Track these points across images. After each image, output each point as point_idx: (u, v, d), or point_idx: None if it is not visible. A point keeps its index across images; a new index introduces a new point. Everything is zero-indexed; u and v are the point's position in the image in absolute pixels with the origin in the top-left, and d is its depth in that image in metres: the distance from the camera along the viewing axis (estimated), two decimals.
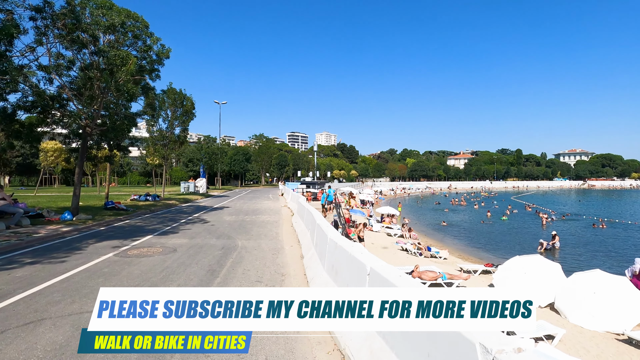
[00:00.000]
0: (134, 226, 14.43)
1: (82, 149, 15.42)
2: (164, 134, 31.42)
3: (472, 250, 22.27)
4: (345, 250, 4.64)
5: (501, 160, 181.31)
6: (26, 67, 12.53)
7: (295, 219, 15.27)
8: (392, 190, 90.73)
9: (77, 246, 10.00)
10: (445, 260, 18.42)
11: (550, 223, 31.71)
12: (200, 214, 19.51)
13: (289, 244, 10.75)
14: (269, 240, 11.26)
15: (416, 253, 18.92)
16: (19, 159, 64.92)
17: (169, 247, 10.06)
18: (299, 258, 8.69)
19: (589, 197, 78.35)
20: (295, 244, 10.58)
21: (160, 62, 16.58)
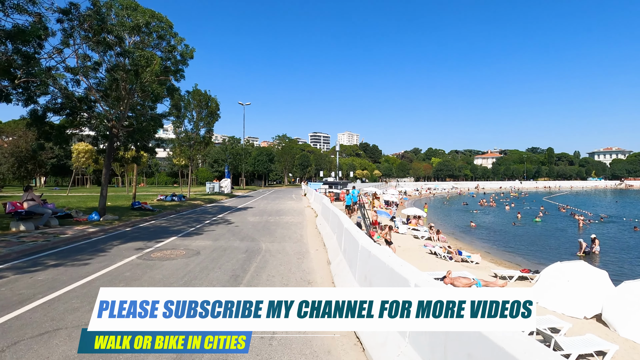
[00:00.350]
0: (159, 227, 14.38)
1: (109, 150, 15.55)
2: (189, 135, 31.75)
3: (504, 254, 21.18)
4: (381, 260, 4.12)
5: (531, 159, 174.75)
6: (54, 68, 12.66)
7: (320, 220, 14.82)
8: (416, 190, 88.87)
9: (101, 248, 9.92)
10: (477, 265, 17.53)
11: (588, 226, 29.88)
12: (224, 215, 19.40)
13: (314, 247, 10.30)
14: (293, 243, 10.85)
15: (446, 257, 18.09)
16: (54, 161, 67.76)
17: (192, 249, 9.81)
18: (325, 263, 8.21)
19: (626, 197, 73.91)
20: (321, 248, 10.11)
21: (184, 63, 16.53)
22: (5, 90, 12.80)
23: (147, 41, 14.92)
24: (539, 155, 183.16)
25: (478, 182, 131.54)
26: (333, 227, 10.14)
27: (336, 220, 9.68)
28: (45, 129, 14.92)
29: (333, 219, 10.46)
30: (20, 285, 6.37)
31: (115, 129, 15.35)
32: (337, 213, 10.03)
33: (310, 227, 14.62)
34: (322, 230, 12.24)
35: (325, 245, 10.08)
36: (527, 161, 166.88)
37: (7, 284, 6.46)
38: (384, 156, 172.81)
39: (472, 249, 21.09)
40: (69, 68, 13.07)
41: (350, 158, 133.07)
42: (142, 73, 14.00)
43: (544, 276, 10.90)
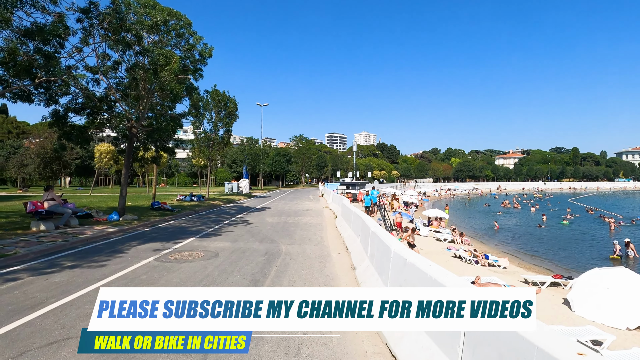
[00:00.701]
0: (177, 227, 14.21)
1: (129, 150, 15.51)
2: (208, 135, 31.84)
3: (532, 258, 20.21)
4: (421, 270, 3.62)
5: (555, 159, 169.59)
6: (73, 67, 12.63)
7: (340, 222, 14.34)
8: (436, 191, 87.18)
9: (119, 249, 9.73)
10: (505, 269, 16.73)
11: (619, 229, 28.33)
12: (242, 215, 19.16)
13: (335, 250, 9.83)
14: (313, 246, 10.41)
15: (471, 261, 17.34)
16: (78, 161, 69.64)
17: (210, 251, 9.50)
18: (349, 269, 7.73)
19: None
20: (343, 251, 9.63)
21: (203, 62, 16.36)
22: (27, 90, 12.87)
23: (165, 40, 14.80)
24: (563, 155, 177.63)
25: (499, 183, 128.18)
26: (356, 229, 9.65)
27: (359, 222, 9.18)
28: (66, 129, 15.00)
29: (355, 221, 9.97)
30: (34, 288, 6.15)
31: (135, 129, 15.29)
32: (360, 215, 9.54)
33: (330, 229, 14.17)
34: (343, 232, 11.76)
35: (347, 249, 9.60)
36: (551, 161, 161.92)
37: (22, 286, 6.25)
38: (401, 156, 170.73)
39: (498, 252, 20.21)
40: (88, 67, 13.05)
41: (368, 158, 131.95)
42: (161, 72, 13.86)
43: (581, 283, 10.13)
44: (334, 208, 21.29)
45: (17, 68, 11.06)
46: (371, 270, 6.07)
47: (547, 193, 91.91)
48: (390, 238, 5.36)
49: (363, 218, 8.69)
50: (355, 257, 8.06)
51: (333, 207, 22.14)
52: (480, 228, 30.60)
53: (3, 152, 62.60)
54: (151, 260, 8.40)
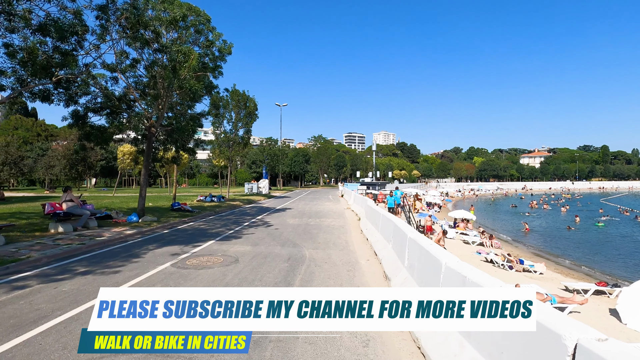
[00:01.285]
0: (197, 229, 13.77)
1: (148, 149, 15.19)
2: (228, 136, 31.63)
3: (567, 262, 18.94)
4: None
5: (583, 158, 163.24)
6: (91, 65, 12.36)
7: (365, 224, 13.56)
8: (458, 191, 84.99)
9: (135, 253, 9.28)
10: (541, 275, 15.58)
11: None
12: (263, 216, 18.65)
13: (363, 256, 9.07)
14: (339, 251, 9.68)
15: (504, 266, 16.25)
16: (103, 162, 71.35)
17: (230, 255, 8.92)
18: (382, 279, 6.96)
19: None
20: (372, 258, 8.87)
21: (222, 59, 15.91)
22: (47, 90, 12.68)
23: (184, 36, 14.40)
24: (592, 154, 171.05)
25: (525, 183, 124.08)
26: (386, 234, 8.87)
27: (390, 226, 8.40)
28: (86, 129, 14.84)
29: (385, 225, 9.18)
30: (41, 298, 5.68)
31: (154, 129, 14.97)
32: (391, 218, 8.74)
33: (355, 232, 13.41)
34: (370, 236, 10.98)
35: (376, 255, 8.83)
36: (579, 160, 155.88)
37: (28, 295, 5.79)
38: (422, 156, 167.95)
39: (531, 257, 18.99)
40: (106, 65, 12.76)
41: (387, 158, 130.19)
42: (179, 69, 13.45)
43: (631, 292, 9.03)
44: (357, 209, 20.51)
45: (35, 67, 10.83)
46: (411, 284, 5.29)
47: (576, 193, 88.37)
48: (438, 249, 4.58)
49: (395, 222, 7.90)
50: (388, 266, 7.29)
51: (355, 209, 21.36)
52: (508, 230, 29.21)
53: (32, 154, 64.77)
54: (168, 266, 7.88)
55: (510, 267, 15.82)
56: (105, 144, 15.08)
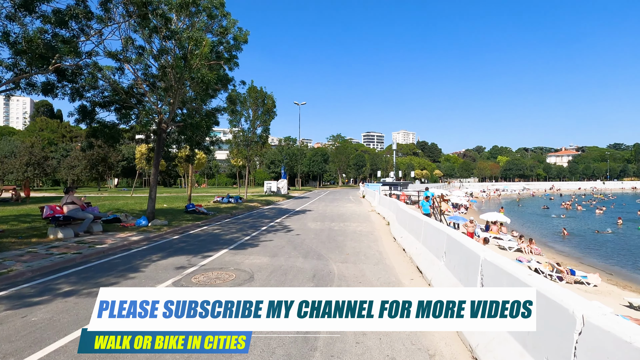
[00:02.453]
0: (210, 235, 12.47)
1: (158, 147, 13.99)
2: (245, 134, 30.47)
3: (620, 272, 16.85)
4: None
5: (614, 156, 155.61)
6: (92, 52, 11.20)
7: (397, 231, 11.94)
8: (483, 191, 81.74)
9: (136, 265, 7.99)
10: (596, 288, 13.63)
11: None
12: (282, 219, 17.25)
13: (405, 274, 7.47)
14: (373, 265, 8.11)
15: (552, 276, 14.33)
16: (124, 163, 71.96)
17: (244, 270, 7.51)
18: None
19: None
20: (416, 276, 7.26)
21: (238, 48, 14.56)
22: (50, 83, 11.64)
23: (196, 23, 13.10)
24: (624, 152, 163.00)
25: (553, 183, 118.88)
26: (434, 247, 7.25)
27: (441, 238, 6.79)
28: (95, 126, 13.81)
29: (433, 236, 7.57)
30: (1, 332, 4.38)
31: (165, 125, 13.77)
32: (443, 228, 7.11)
33: (386, 240, 11.81)
34: (408, 246, 9.36)
35: (421, 273, 7.22)
36: (610, 159, 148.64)
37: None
38: (443, 155, 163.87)
39: (578, 265, 16.93)
40: (109, 52, 11.59)
41: (408, 157, 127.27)
42: (190, 58, 12.19)
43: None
44: (383, 212, 18.86)
45: (32, 55, 9.74)
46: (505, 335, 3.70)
47: (609, 193, 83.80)
48: (559, 288, 2.98)
49: (450, 234, 6.28)
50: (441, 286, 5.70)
51: (382, 211, 19.71)
52: (542, 233, 26.96)
53: (57, 154, 65.84)
54: (169, 284, 6.52)
55: (560, 278, 13.95)
56: (114, 142, 13.98)
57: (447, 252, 6.23)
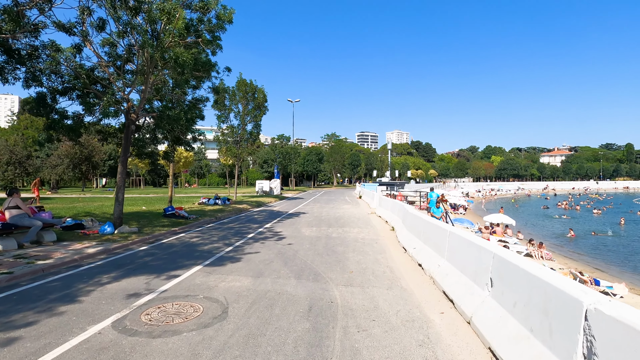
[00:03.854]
0: (185, 245, 10.54)
1: (126, 140, 11.99)
2: (235, 130, 28.50)
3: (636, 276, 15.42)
4: None
5: (607, 156, 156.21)
6: (40, 25, 9.20)
7: (406, 239, 10.14)
8: (478, 191, 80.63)
9: (76, 291, 6.07)
10: (622, 300, 11.85)
11: None
12: (272, 224, 15.36)
13: (430, 303, 5.62)
14: (386, 290, 6.26)
15: None
16: (111, 162, 69.38)
17: (216, 299, 5.63)
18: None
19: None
20: (447, 307, 5.41)
21: (221, 28, 12.62)
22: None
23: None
24: (616, 152, 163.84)
25: (547, 183, 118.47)
26: (468, 269, 5.44)
27: (483, 258, 4.98)
28: (53, 117, 11.80)
29: (464, 251, 5.77)
30: None
31: (134, 114, 11.81)
32: (478, 242, 5.30)
33: (394, 249, 9.99)
34: (426, 262, 7.54)
35: (453, 303, 5.40)
36: (603, 159, 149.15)
37: None
38: (437, 155, 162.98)
39: (593, 271, 15.32)
40: (61, 24, 9.60)
41: (403, 157, 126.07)
42: (164, 36, 10.27)
43: None
44: (386, 215, 17.06)
45: None
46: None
47: (602, 193, 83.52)
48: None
49: (499, 253, 4.46)
50: (493, 335, 3.89)
51: (383, 214, 17.90)
52: (549, 235, 25.43)
53: (41, 154, 63.07)
54: (107, 326, 4.61)
55: None
56: (75, 135, 11.97)
57: (497, 280, 4.42)
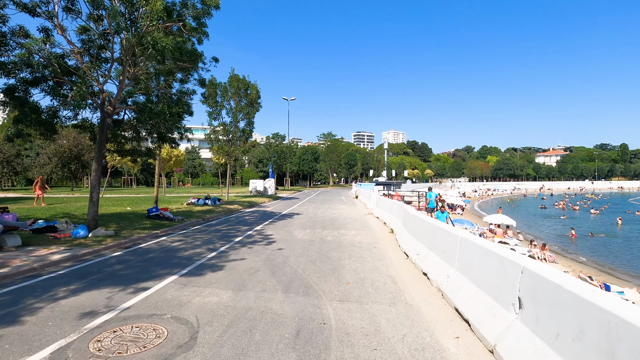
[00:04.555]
0: (164, 250, 9.58)
1: (101, 135, 10.99)
2: (227, 127, 27.48)
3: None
4: None
5: (602, 156, 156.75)
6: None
7: (408, 244, 9.26)
8: (475, 191, 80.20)
9: (23, 307, 5.12)
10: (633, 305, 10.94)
11: None
12: (263, 226, 14.42)
13: (441, 324, 4.73)
14: (388, 307, 5.35)
15: None
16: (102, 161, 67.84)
17: (186, 320, 4.71)
18: None
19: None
20: (462, 330, 4.52)
21: (207, 14, 11.67)
22: None
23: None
24: (610, 152, 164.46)
25: (542, 182, 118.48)
26: (488, 284, 4.56)
27: (508, 272, 4.11)
28: (25, 110, 10.80)
29: (482, 262, 4.89)
30: None
31: (111, 107, 10.82)
32: (500, 252, 4.42)
33: (394, 255, 9.10)
34: (433, 272, 6.65)
35: (469, 324, 4.51)
36: (598, 159, 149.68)
37: None
38: (433, 155, 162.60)
39: (597, 274, 14.60)
40: (19, 3, 8.61)
41: (399, 157, 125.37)
42: (142, 19, 9.30)
43: None
44: (384, 216, 16.17)
45: None
46: None
47: (598, 193, 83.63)
48: None
49: (530, 267, 3.59)
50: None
51: (381, 215, 17.02)
52: (549, 235, 24.72)
53: (31, 152, 61.48)
54: (45, 356, 3.68)
55: None
56: (47, 130, 10.96)
57: (529, 302, 3.54)
